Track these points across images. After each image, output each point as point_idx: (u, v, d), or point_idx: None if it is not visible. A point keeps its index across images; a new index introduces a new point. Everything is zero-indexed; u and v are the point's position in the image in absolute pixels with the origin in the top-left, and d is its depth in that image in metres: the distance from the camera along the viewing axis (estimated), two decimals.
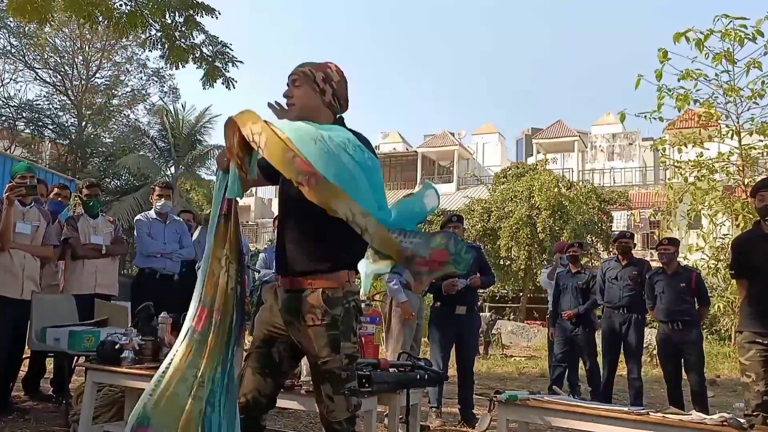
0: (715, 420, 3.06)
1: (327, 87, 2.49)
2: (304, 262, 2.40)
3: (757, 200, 4.27)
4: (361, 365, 3.38)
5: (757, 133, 8.06)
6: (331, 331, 2.35)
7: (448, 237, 2.27)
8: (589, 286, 6.71)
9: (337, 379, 2.34)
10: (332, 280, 2.38)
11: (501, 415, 3.61)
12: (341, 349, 2.35)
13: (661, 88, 8.04)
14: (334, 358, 2.34)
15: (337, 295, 2.37)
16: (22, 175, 4.65)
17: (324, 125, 2.35)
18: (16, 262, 4.63)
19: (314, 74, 2.49)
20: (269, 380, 2.48)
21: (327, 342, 2.34)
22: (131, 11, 6.90)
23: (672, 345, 5.91)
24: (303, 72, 2.49)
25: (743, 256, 4.33)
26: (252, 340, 2.56)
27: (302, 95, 2.47)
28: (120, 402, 4.22)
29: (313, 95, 2.47)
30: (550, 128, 36.67)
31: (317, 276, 2.38)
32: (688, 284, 5.93)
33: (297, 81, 2.49)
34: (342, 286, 2.40)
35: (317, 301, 2.35)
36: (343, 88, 2.55)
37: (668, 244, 6.11)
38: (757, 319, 4.12)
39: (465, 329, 5.64)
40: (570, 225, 18.87)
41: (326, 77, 2.50)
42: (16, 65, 26.48)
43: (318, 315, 2.34)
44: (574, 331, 6.66)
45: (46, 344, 4.53)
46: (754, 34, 7.50)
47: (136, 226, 6.05)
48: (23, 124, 26.65)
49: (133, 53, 27.37)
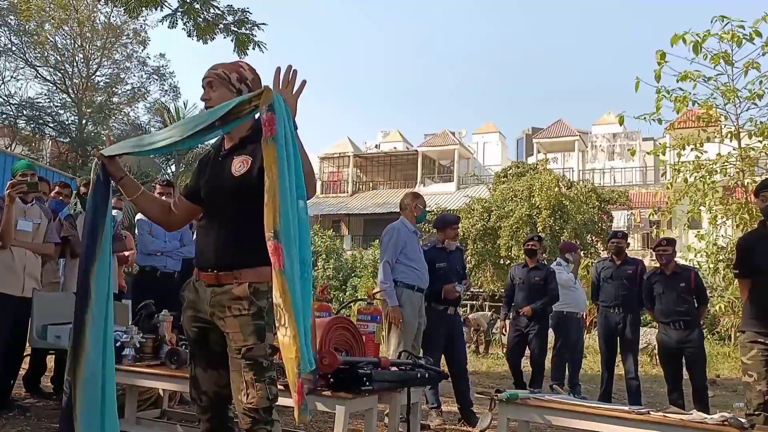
0: (716, 419, 3.07)
1: (243, 86, 2.53)
2: (231, 257, 2.44)
3: (760, 200, 4.27)
4: (361, 364, 3.39)
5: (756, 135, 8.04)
6: (257, 320, 2.38)
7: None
8: (547, 282, 6.60)
9: (260, 367, 2.35)
10: (258, 274, 2.40)
11: (501, 414, 3.62)
12: (266, 338, 2.39)
13: (659, 91, 8.04)
14: (259, 346, 2.36)
15: (262, 288, 2.40)
16: (23, 172, 4.66)
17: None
18: (18, 260, 4.64)
19: (228, 75, 2.54)
20: (221, 371, 2.49)
21: (253, 330, 2.36)
22: None
23: (673, 345, 5.88)
24: (217, 74, 2.54)
25: (747, 256, 4.33)
26: (187, 340, 2.58)
27: (219, 97, 2.50)
28: (121, 399, 4.21)
29: (229, 96, 2.50)
30: (550, 128, 36.63)
31: (243, 270, 2.41)
32: (687, 284, 5.90)
33: (213, 83, 2.54)
34: (267, 281, 2.38)
35: (244, 293, 2.39)
36: (258, 85, 2.57)
37: (666, 244, 6.08)
38: (759, 318, 4.12)
39: (455, 328, 5.73)
40: (570, 225, 18.87)
41: (240, 77, 2.55)
42: (17, 63, 26.53)
43: (245, 305, 2.38)
44: (528, 327, 6.55)
45: (47, 342, 4.54)
46: (752, 34, 7.50)
47: (137, 225, 6.06)
48: (24, 122, 26.69)
49: (133, 51, 27.42)
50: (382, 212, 31.83)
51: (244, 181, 2.43)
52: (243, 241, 2.41)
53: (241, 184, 2.43)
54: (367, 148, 40.92)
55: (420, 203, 5.59)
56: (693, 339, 5.82)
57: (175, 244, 5.97)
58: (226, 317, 2.40)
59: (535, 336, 6.53)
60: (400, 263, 5.29)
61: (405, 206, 5.57)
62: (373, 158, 39.72)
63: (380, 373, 3.43)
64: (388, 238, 5.36)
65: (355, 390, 3.22)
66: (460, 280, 5.69)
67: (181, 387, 3.86)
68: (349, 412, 3.23)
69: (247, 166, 2.45)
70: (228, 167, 2.49)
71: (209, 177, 2.57)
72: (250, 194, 2.34)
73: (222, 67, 2.56)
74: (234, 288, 2.41)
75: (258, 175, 2.37)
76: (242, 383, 2.34)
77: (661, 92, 8.08)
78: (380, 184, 38.46)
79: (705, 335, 7.41)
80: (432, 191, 33.08)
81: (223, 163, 2.53)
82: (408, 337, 5.24)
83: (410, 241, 5.38)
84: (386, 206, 32.28)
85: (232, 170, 2.47)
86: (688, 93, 8.11)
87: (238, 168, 2.46)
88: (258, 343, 2.36)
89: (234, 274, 2.42)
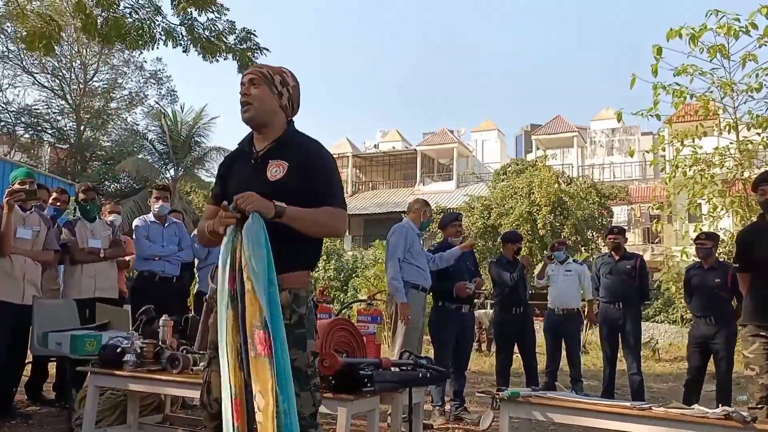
0: (718, 413, 3.06)
1: (284, 90, 2.52)
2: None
3: (759, 194, 4.26)
4: (363, 364, 3.39)
5: (755, 127, 8.04)
6: (299, 329, 2.37)
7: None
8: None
9: (304, 375, 2.35)
10: (297, 279, 2.41)
11: (503, 412, 3.62)
12: (307, 346, 2.39)
13: (656, 86, 8.03)
14: (302, 356, 2.35)
15: (302, 294, 2.40)
16: (22, 180, 4.66)
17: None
18: (17, 267, 4.64)
19: (272, 76, 2.51)
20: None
21: (295, 341, 2.33)
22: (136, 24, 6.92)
23: (701, 339, 5.83)
24: (262, 72, 2.51)
25: (747, 250, 4.32)
26: (209, 345, 2.53)
27: (260, 95, 2.48)
28: (122, 405, 4.22)
29: (270, 96, 2.49)
30: (549, 124, 36.61)
31: (282, 276, 2.34)
32: (723, 279, 5.81)
33: (255, 80, 2.50)
34: (305, 286, 2.43)
35: (285, 301, 2.34)
36: (297, 92, 2.58)
37: (705, 238, 6.03)
38: (760, 312, 4.11)
39: (466, 327, 5.79)
40: (570, 221, 18.88)
41: (283, 81, 2.53)
42: (15, 70, 26.52)
43: (286, 315, 2.33)
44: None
45: (48, 349, 4.52)
46: (748, 27, 7.50)
47: (135, 231, 6.06)
48: (22, 128, 26.70)
49: (130, 56, 27.40)
50: (381, 212, 31.87)
51: (281, 186, 2.38)
52: (282, 247, 2.33)
53: (278, 189, 2.37)
54: (366, 148, 40.94)
55: (428, 211, 5.72)
56: (724, 335, 5.72)
57: (172, 249, 5.97)
58: None
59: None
60: (405, 262, 5.33)
61: (414, 209, 5.65)
62: (372, 158, 39.74)
63: (381, 373, 3.42)
64: (396, 238, 5.39)
65: (357, 391, 3.22)
66: (472, 277, 5.71)
67: (183, 392, 3.86)
68: (351, 413, 3.22)
69: (284, 171, 2.41)
70: (263, 172, 2.43)
71: (243, 182, 2.44)
72: (287, 199, 2.32)
73: (267, 68, 2.54)
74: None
75: (294, 180, 2.37)
76: None
77: (658, 87, 8.08)
78: (380, 183, 38.48)
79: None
80: (431, 190, 33.09)
81: (257, 167, 2.47)
82: (413, 336, 5.29)
83: (415, 241, 5.43)
84: (386, 206, 32.31)
85: (268, 175, 2.42)
86: (685, 88, 8.11)
87: (273, 173, 2.42)
88: (300, 354, 2.35)
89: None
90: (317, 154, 2.49)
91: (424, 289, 5.42)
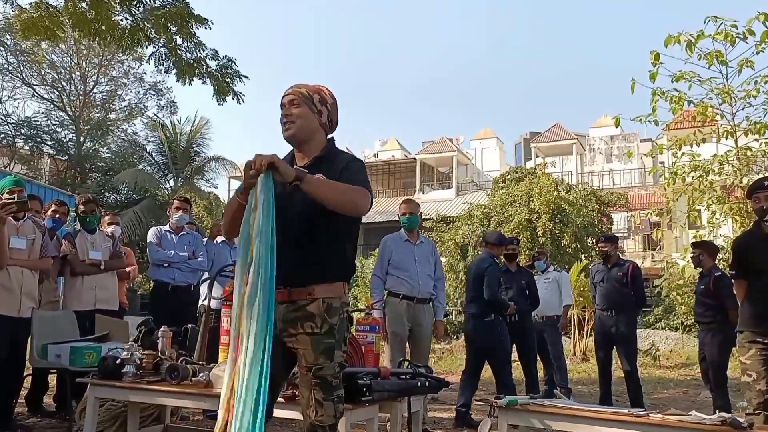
0: (715, 420, 3.06)
1: (323, 108, 2.59)
2: (306, 273, 2.46)
3: (753, 202, 4.28)
4: (361, 374, 3.40)
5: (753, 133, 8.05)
6: (328, 339, 2.43)
7: None
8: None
9: (329, 385, 2.42)
10: (332, 290, 2.47)
11: (502, 419, 3.62)
12: (335, 357, 2.44)
13: (655, 92, 8.05)
14: (328, 366, 2.42)
15: (335, 304, 2.46)
16: (10, 189, 4.49)
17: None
18: (14, 279, 4.58)
19: (311, 96, 2.57)
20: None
21: (324, 350, 2.42)
22: (132, 27, 6.96)
23: (701, 346, 6.35)
24: (301, 93, 2.57)
25: (743, 257, 4.34)
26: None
27: (301, 115, 2.54)
28: (122, 416, 4.22)
29: (311, 115, 2.56)
30: (548, 132, 36.67)
31: (317, 286, 2.45)
32: (706, 286, 6.09)
33: (295, 101, 2.56)
34: (340, 297, 2.50)
35: (318, 310, 2.43)
36: (336, 110, 2.65)
37: (695, 247, 6.47)
38: (756, 318, 4.13)
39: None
40: (570, 228, 18.85)
41: (322, 99, 2.59)
42: (14, 82, 26.61)
43: (317, 323, 2.42)
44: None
45: (48, 361, 4.52)
46: (745, 33, 7.52)
47: (148, 240, 6.12)
48: (22, 140, 26.73)
49: (129, 67, 27.48)
50: (381, 221, 31.81)
51: (318, 201, 2.40)
52: (316, 258, 2.45)
53: (317, 204, 2.39)
54: (366, 157, 40.98)
55: (401, 209, 5.64)
56: (711, 342, 6.14)
57: (183, 256, 5.95)
58: (298, 334, 2.44)
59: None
60: (389, 273, 5.41)
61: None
62: (372, 167, 39.74)
63: (380, 382, 3.43)
64: (378, 257, 5.57)
65: (356, 400, 3.22)
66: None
67: (182, 402, 3.87)
68: (349, 422, 3.23)
69: None
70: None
71: (283, 197, 2.44)
72: (324, 213, 2.38)
73: (305, 87, 2.60)
74: (308, 305, 2.44)
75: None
76: (311, 400, 2.41)
77: (656, 94, 8.09)
78: (379, 192, 38.48)
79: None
80: (431, 198, 33.11)
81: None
82: (395, 346, 5.31)
83: (400, 249, 5.44)
84: (386, 214, 32.22)
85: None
86: (684, 94, 8.12)
87: None
88: (327, 363, 2.41)
89: (308, 290, 2.45)
90: (354, 170, 2.55)
91: (406, 296, 5.38)
